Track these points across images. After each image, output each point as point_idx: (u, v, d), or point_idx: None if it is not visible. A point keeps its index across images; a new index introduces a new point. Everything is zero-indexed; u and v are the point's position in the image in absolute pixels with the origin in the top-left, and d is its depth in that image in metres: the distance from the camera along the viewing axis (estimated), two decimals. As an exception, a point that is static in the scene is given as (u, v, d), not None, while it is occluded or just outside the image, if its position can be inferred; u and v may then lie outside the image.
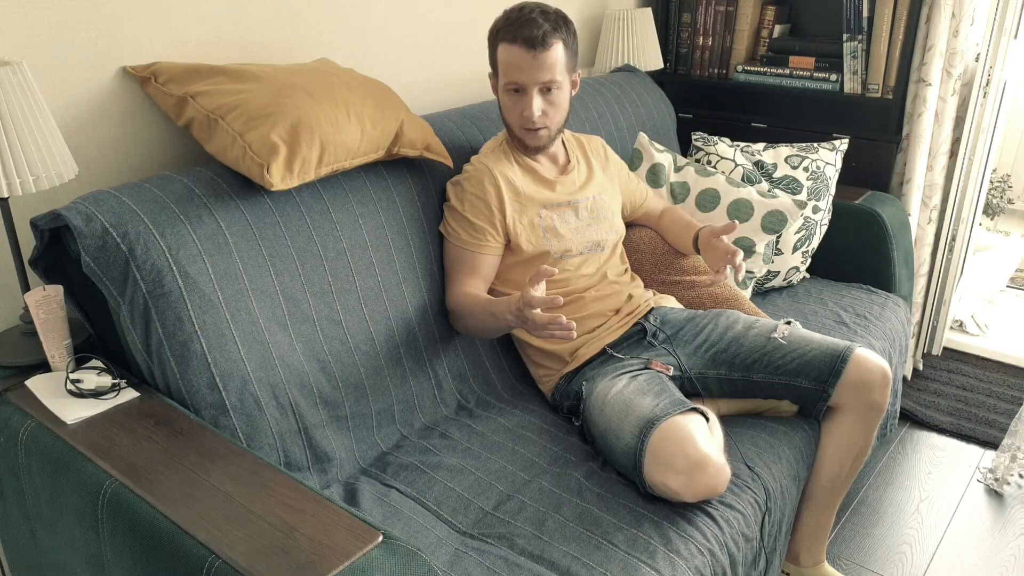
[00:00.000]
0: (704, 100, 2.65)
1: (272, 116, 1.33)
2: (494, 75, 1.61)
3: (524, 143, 1.63)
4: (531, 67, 1.52)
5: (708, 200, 1.98)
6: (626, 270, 1.77)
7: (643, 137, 2.07)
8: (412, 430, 1.54)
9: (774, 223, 1.94)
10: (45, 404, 1.19)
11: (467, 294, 1.56)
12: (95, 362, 1.27)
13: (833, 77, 2.32)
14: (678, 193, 2.02)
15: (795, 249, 2.09)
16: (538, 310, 1.29)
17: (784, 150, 2.14)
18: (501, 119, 1.65)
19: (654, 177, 2.02)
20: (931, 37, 2.16)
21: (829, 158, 2.13)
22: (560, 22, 1.53)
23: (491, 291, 1.65)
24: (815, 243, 2.13)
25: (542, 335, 1.30)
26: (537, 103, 1.55)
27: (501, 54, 1.55)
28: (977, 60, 2.27)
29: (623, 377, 1.50)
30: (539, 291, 1.33)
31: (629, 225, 1.91)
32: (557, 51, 1.52)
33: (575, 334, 1.27)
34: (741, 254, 1.58)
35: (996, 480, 2.09)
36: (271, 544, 0.93)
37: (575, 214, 1.66)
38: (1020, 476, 2.12)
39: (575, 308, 1.64)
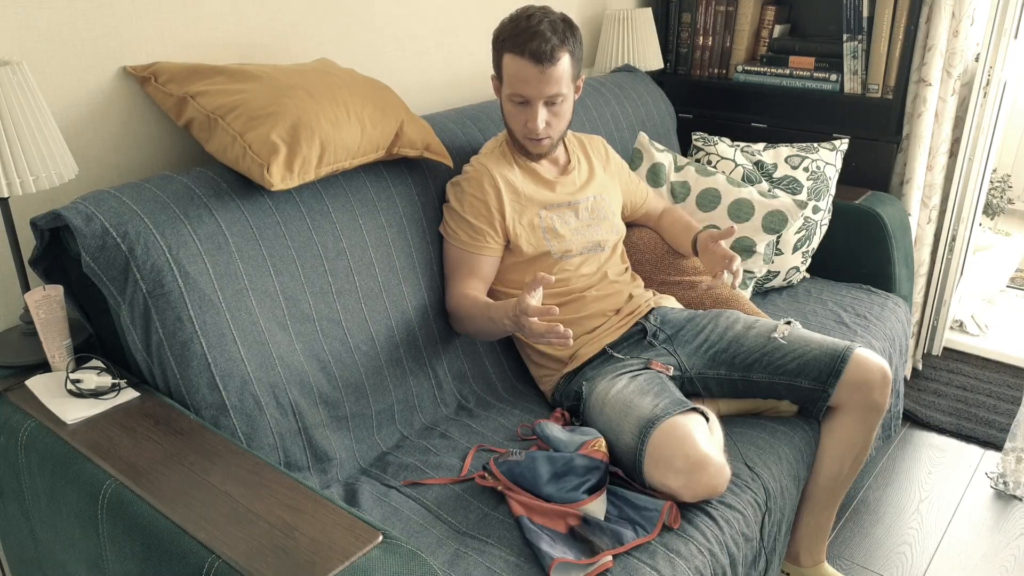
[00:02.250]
0: (704, 100, 2.65)
1: (272, 116, 1.33)
2: (498, 80, 1.60)
3: (526, 150, 1.63)
4: (538, 81, 1.51)
5: (709, 200, 1.99)
6: (627, 269, 1.77)
7: (643, 137, 2.07)
8: (412, 430, 1.54)
9: (775, 223, 1.94)
10: (45, 404, 1.19)
11: (466, 296, 1.56)
12: (95, 362, 1.27)
13: (833, 77, 2.32)
14: (679, 192, 2.02)
15: (795, 249, 2.09)
16: (535, 318, 1.29)
17: (784, 150, 2.14)
18: (503, 121, 1.65)
19: (654, 176, 2.02)
20: (931, 37, 2.16)
21: (829, 158, 2.13)
22: (567, 33, 1.52)
23: (491, 292, 1.65)
24: (815, 243, 2.13)
25: (539, 342, 1.30)
26: (542, 116, 1.55)
27: (507, 64, 1.53)
28: (977, 60, 2.27)
29: (623, 377, 1.50)
30: (536, 298, 1.33)
31: (629, 225, 1.91)
32: (564, 64, 1.52)
33: (572, 341, 1.27)
34: (738, 260, 1.58)
35: (1006, 484, 2.08)
36: (271, 544, 0.93)
37: (575, 214, 1.66)
38: None
39: (575, 308, 1.64)
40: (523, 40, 1.49)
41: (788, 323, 1.62)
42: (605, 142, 1.83)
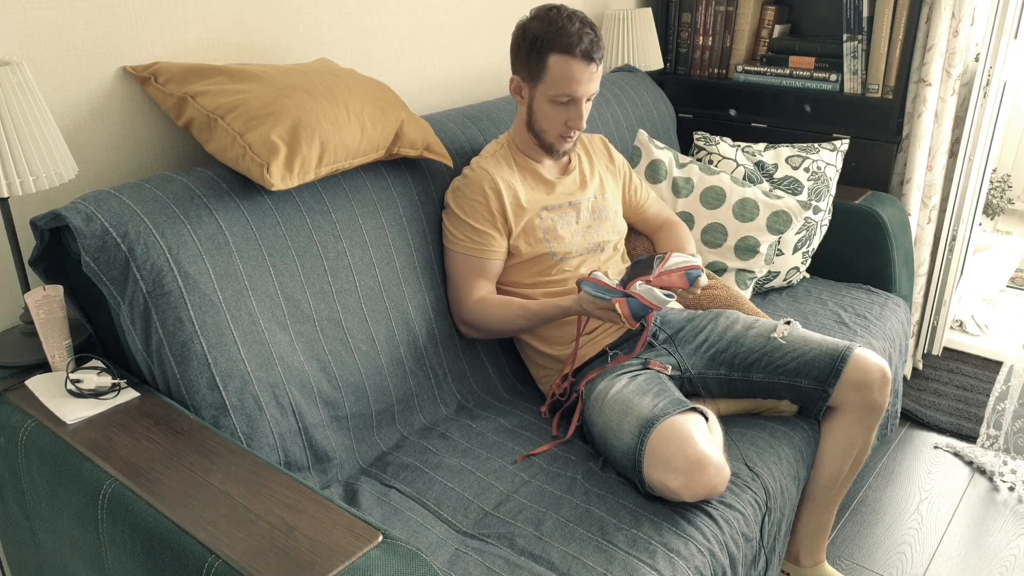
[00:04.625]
0: (704, 100, 2.65)
1: (272, 116, 1.33)
2: (532, 83, 1.56)
3: (555, 148, 1.62)
4: (589, 79, 1.53)
5: (713, 197, 1.98)
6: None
7: (643, 134, 2.07)
8: (412, 430, 1.54)
9: (779, 224, 1.94)
10: (45, 404, 1.19)
11: (485, 300, 1.58)
12: (95, 362, 1.27)
13: (833, 77, 2.32)
14: (682, 188, 2.01)
15: (795, 250, 2.09)
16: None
17: (785, 150, 2.14)
18: (528, 123, 1.61)
19: (653, 173, 2.02)
20: (931, 37, 2.16)
21: (830, 158, 2.13)
22: (596, 28, 1.54)
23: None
24: (815, 243, 2.13)
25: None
26: (586, 113, 1.57)
27: (555, 65, 1.51)
28: (977, 60, 2.27)
29: (622, 377, 1.49)
30: None
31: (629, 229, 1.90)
32: (602, 60, 1.56)
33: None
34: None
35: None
36: (271, 544, 0.93)
37: (576, 216, 1.66)
38: (1014, 478, 2.12)
39: (575, 308, 1.64)
40: (573, 41, 1.50)
41: (788, 323, 1.62)
42: (606, 140, 1.83)
